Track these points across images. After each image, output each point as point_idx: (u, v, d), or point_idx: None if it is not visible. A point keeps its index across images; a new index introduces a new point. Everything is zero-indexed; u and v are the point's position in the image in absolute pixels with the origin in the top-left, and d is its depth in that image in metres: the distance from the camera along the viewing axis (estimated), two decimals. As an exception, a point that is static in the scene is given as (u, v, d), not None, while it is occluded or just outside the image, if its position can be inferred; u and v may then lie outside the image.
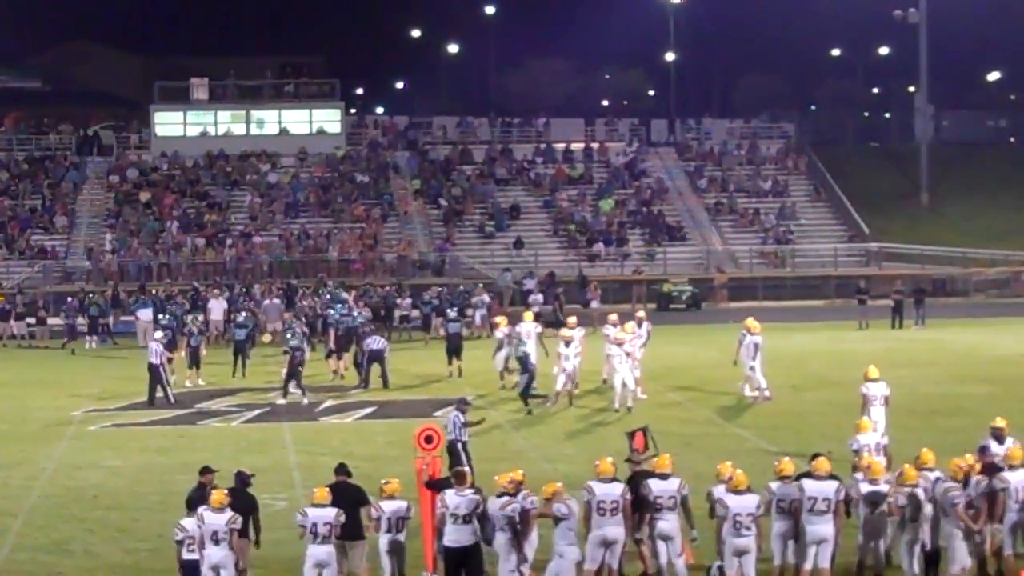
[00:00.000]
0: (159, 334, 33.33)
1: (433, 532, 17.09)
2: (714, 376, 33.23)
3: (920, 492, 16.76)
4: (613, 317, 32.38)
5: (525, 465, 19.15)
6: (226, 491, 16.56)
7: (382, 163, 65.20)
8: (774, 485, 16.71)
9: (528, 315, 34.31)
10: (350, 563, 16.80)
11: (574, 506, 16.40)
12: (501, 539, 16.30)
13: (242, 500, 16.73)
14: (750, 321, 30.90)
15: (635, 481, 17.06)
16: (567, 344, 29.83)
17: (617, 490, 16.50)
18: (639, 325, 31.95)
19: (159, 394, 31.56)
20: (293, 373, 31.88)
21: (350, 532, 16.62)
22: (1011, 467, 17.01)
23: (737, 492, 16.33)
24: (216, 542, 15.91)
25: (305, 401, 31.60)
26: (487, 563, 16.67)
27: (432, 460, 17.97)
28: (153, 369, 31.58)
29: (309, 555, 16.18)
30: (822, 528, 16.36)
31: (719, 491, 16.61)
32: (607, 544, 16.45)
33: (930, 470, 17.17)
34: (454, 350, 35.11)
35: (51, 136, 66.25)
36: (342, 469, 17.43)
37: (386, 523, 16.69)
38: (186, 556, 16.14)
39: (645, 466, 17.75)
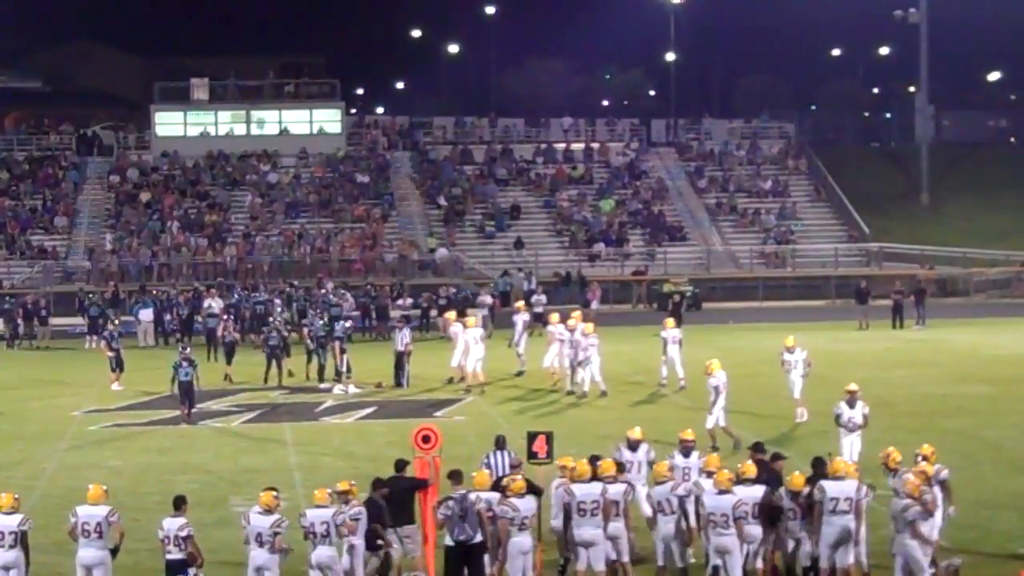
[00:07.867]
0: None
1: (432, 531, 17.15)
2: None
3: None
4: (555, 316, 34.22)
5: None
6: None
7: (382, 163, 65.20)
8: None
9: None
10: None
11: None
12: (671, 523, 16.73)
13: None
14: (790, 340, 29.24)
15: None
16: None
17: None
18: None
19: None
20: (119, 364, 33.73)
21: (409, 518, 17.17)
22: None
23: (719, 492, 16.38)
24: (261, 544, 15.91)
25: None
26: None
27: (433, 460, 17.96)
28: None
29: (312, 557, 16.18)
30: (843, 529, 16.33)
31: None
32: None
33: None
34: None
35: (51, 136, 66.22)
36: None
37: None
38: (168, 556, 16.12)
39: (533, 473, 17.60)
